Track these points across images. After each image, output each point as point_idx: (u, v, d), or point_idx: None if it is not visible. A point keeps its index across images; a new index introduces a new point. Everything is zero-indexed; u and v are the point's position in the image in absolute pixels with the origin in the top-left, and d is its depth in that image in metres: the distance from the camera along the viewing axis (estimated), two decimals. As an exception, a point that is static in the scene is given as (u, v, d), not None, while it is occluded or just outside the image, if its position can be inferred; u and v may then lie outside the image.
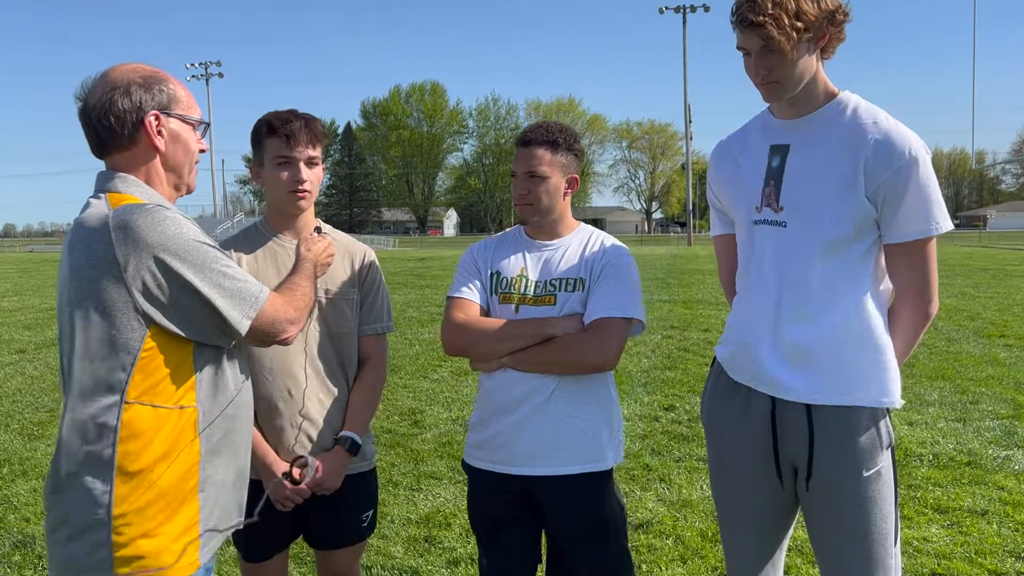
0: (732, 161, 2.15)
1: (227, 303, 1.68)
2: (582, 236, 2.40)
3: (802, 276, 1.97)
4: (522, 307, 2.31)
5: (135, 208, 1.63)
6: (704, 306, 12.96)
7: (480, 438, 2.36)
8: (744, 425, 2.09)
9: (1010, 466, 4.88)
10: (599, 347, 2.22)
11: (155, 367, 1.65)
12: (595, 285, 2.29)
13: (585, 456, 2.27)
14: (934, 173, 1.91)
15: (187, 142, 1.79)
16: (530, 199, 2.31)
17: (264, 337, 1.80)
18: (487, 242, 2.48)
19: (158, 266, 1.61)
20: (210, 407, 1.74)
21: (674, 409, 6.38)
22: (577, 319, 2.27)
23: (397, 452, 5.39)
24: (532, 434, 2.25)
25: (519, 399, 2.26)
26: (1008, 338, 9.54)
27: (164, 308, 1.63)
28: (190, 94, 1.84)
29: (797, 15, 1.82)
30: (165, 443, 1.66)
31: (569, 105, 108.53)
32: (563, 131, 2.34)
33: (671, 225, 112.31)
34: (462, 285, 2.38)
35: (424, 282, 19.13)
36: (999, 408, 6.27)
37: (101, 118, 1.72)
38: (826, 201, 1.93)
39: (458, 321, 2.31)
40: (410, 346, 9.57)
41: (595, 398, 2.31)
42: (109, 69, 1.76)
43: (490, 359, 2.29)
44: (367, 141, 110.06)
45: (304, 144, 2.25)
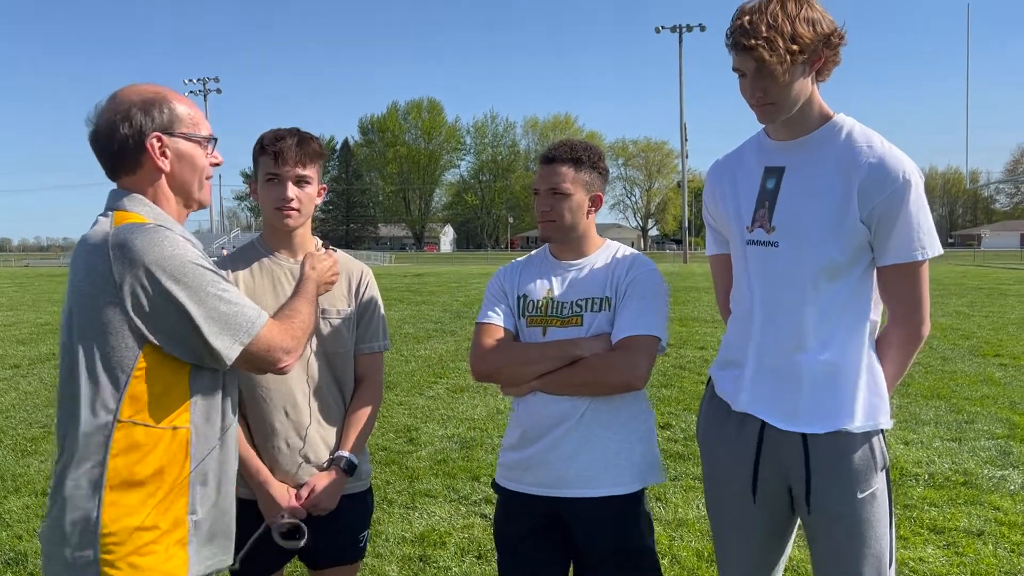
0: (727, 181, 2.16)
1: (215, 327, 1.66)
2: (608, 253, 2.38)
3: (793, 298, 1.98)
4: (550, 329, 2.30)
5: (135, 227, 1.64)
6: (700, 324, 12.97)
7: (511, 459, 2.35)
8: (738, 446, 2.09)
9: (1006, 486, 4.88)
10: (627, 366, 2.20)
11: (149, 387, 1.65)
12: (621, 303, 2.27)
13: (616, 478, 2.25)
14: (926, 198, 1.93)
15: (193, 160, 1.79)
16: (552, 216, 2.29)
17: (259, 364, 1.78)
18: (513, 265, 2.48)
19: (151, 284, 1.61)
20: (204, 429, 1.72)
21: (670, 427, 6.37)
22: (604, 339, 2.25)
23: (392, 470, 5.37)
24: (563, 456, 2.24)
25: (551, 422, 2.25)
26: (1003, 357, 9.56)
27: (156, 328, 1.63)
28: (197, 110, 1.84)
29: (793, 38, 1.82)
30: (156, 463, 1.65)
31: (566, 123, 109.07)
32: (588, 149, 2.33)
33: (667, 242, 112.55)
34: (489, 310, 2.37)
35: (420, 298, 19.12)
36: (994, 428, 6.28)
37: (106, 145, 1.75)
38: (819, 224, 1.94)
39: (486, 347, 2.31)
40: (406, 363, 9.55)
41: (629, 419, 2.28)
42: (115, 93, 1.78)
43: (519, 383, 2.28)
44: (365, 157, 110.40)
45: (293, 163, 2.23)
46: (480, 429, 6.39)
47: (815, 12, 1.87)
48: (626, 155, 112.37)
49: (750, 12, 1.86)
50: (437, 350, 10.59)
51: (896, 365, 2.04)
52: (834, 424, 1.96)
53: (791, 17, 1.83)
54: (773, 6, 1.85)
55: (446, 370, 9.04)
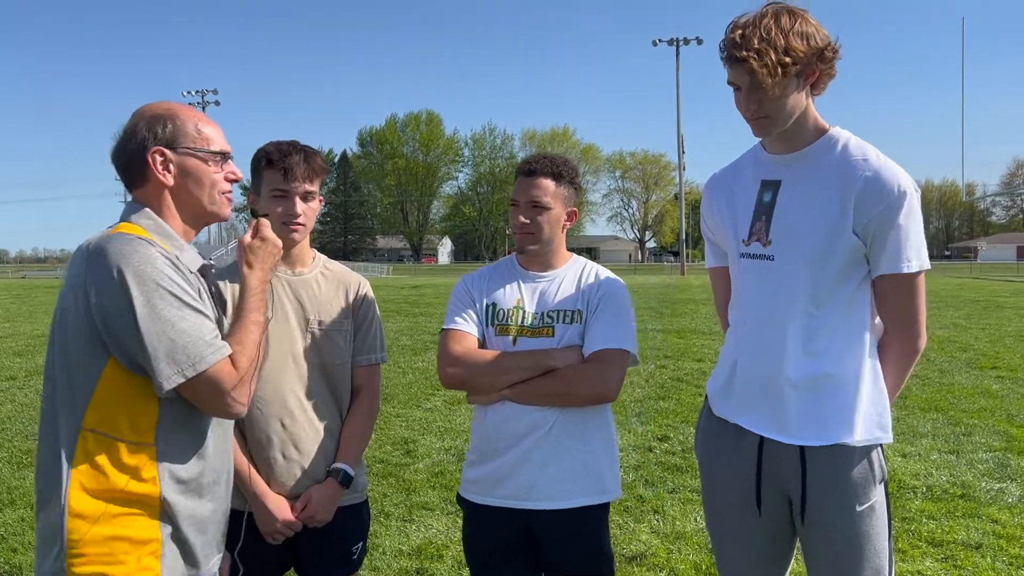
0: (724, 195, 2.17)
1: (160, 351, 1.60)
2: (577, 268, 2.41)
3: (789, 310, 1.98)
4: (520, 339, 2.31)
5: (116, 237, 1.66)
6: (697, 336, 12.97)
7: (478, 473, 2.34)
8: (736, 459, 2.09)
9: (1003, 499, 4.87)
10: (601, 378, 2.22)
11: (114, 398, 1.63)
12: (593, 317, 2.30)
13: (586, 489, 2.27)
14: (920, 212, 1.94)
15: (199, 175, 1.79)
16: (532, 228, 2.32)
17: (205, 403, 1.69)
18: (481, 272, 2.48)
19: (114, 294, 1.59)
20: (172, 446, 1.69)
21: (668, 439, 6.36)
22: (577, 351, 2.27)
23: (389, 482, 5.35)
24: (534, 467, 2.24)
25: (520, 433, 2.25)
26: (1000, 369, 9.56)
27: (112, 337, 1.61)
28: (211, 127, 1.84)
29: (786, 51, 1.83)
30: (120, 475, 1.63)
31: (563, 135, 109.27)
32: (566, 164, 2.38)
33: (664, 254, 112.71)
34: (457, 316, 2.36)
35: (418, 310, 19.11)
36: (992, 440, 6.28)
37: (117, 159, 1.80)
38: (815, 237, 1.95)
39: (455, 353, 2.29)
40: (403, 375, 9.53)
41: (596, 430, 2.31)
42: (136, 110, 1.82)
43: (489, 392, 2.28)
44: (363, 169, 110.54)
45: (301, 179, 2.26)
46: (477, 441, 6.37)
47: (809, 26, 1.88)
48: (624, 167, 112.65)
49: (743, 26, 1.87)
50: (434, 362, 10.53)
51: (892, 378, 2.04)
52: (831, 437, 1.96)
53: (784, 30, 1.84)
54: (767, 20, 1.86)
55: (443, 382, 9.02)
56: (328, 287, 2.38)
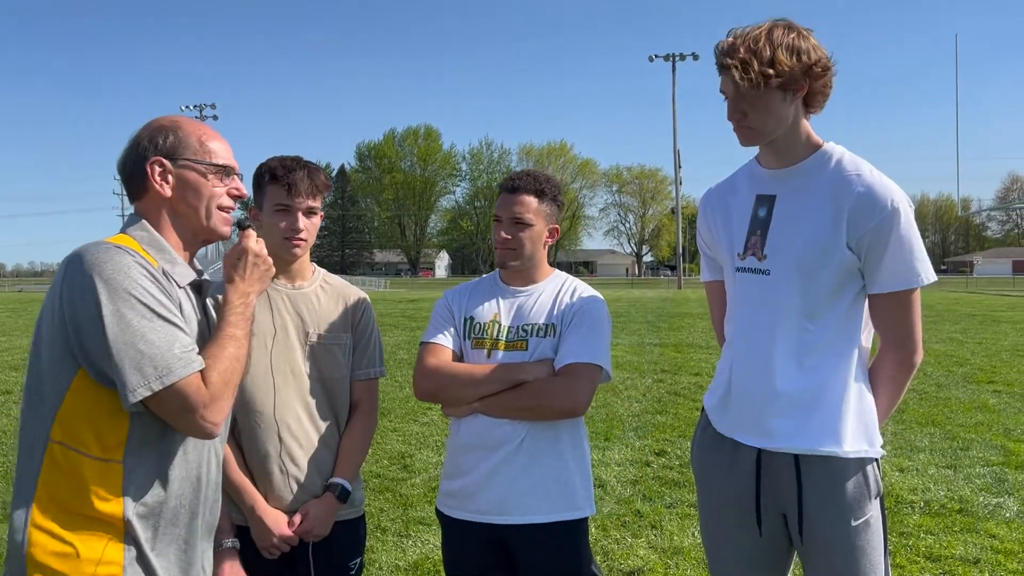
0: (720, 209, 2.19)
1: (127, 362, 1.53)
2: (556, 283, 2.42)
3: (783, 325, 1.99)
4: (494, 352, 2.33)
5: (95, 244, 1.63)
6: (694, 350, 12.96)
7: (452, 486, 2.35)
8: (732, 474, 2.09)
9: (1001, 514, 4.87)
10: (569, 392, 2.23)
11: (82, 411, 1.59)
12: (567, 331, 2.31)
13: (556, 504, 2.27)
14: (916, 226, 1.95)
15: (197, 187, 1.76)
16: (513, 244, 2.33)
17: (174, 419, 1.60)
18: (462, 287, 2.50)
19: (85, 300, 1.55)
20: (140, 466, 1.62)
21: (665, 454, 6.35)
22: (548, 364, 2.28)
23: (386, 497, 5.34)
24: (503, 482, 2.25)
25: (490, 446, 2.26)
26: (997, 384, 9.57)
27: (81, 346, 1.57)
28: (216, 142, 1.81)
29: (770, 62, 1.86)
30: (84, 492, 1.57)
31: (560, 150, 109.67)
32: (549, 181, 2.39)
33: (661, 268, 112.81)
34: (435, 331, 2.39)
35: (415, 324, 19.09)
36: (989, 455, 6.27)
37: (121, 169, 1.80)
38: (810, 251, 1.96)
39: (430, 366, 2.32)
40: (400, 389, 9.52)
41: (568, 446, 2.31)
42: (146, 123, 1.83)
43: (461, 404, 2.29)
44: (360, 183, 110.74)
45: (305, 194, 2.27)
46: (475, 456, 6.35)
47: (803, 42, 1.90)
48: (620, 182, 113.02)
49: (736, 36, 1.91)
50: (432, 376, 10.55)
51: (889, 394, 2.05)
52: (821, 444, 1.96)
53: (774, 43, 1.87)
54: (759, 31, 1.89)
55: (441, 396, 9.00)
56: (328, 301, 2.39)
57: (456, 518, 2.33)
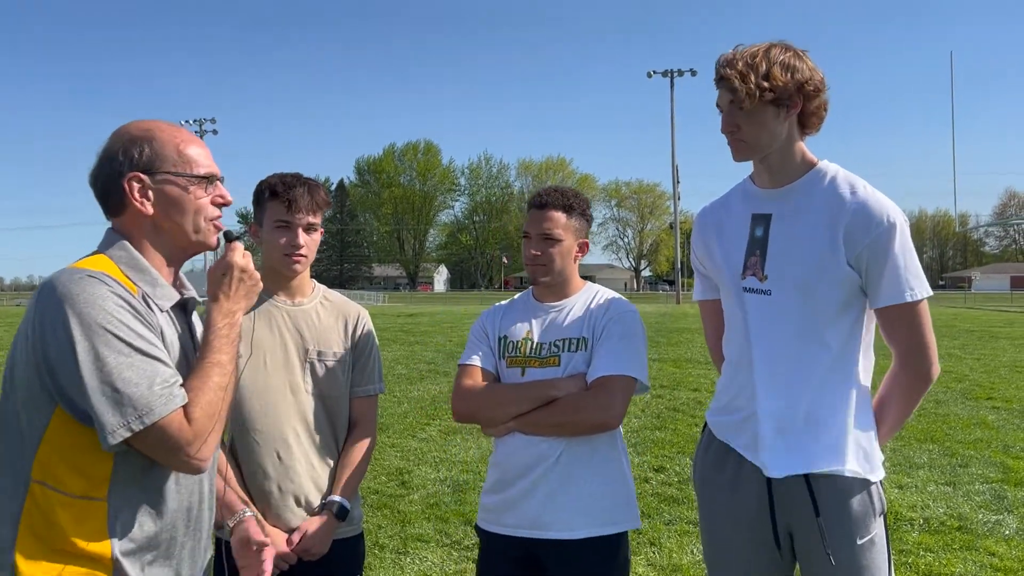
0: (715, 229, 2.20)
1: (105, 402, 1.44)
2: (587, 295, 2.43)
3: (788, 344, 2.00)
4: (528, 370, 2.34)
5: (68, 273, 1.51)
6: (693, 365, 12.96)
7: (491, 501, 2.37)
8: (737, 492, 2.09)
9: (1000, 531, 4.85)
10: (601, 406, 2.22)
11: (62, 449, 1.49)
12: (598, 343, 2.31)
13: (592, 520, 2.26)
14: (911, 241, 1.96)
15: (181, 201, 1.64)
16: (544, 260, 2.35)
17: (160, 457, 1.52)
18: (497, 308, 2.52)
19: (58, 335, 1.45)
20: (126, 502, 1.54)
21: (664, 470, 6.33)
22: (580, 379, 2.28)
23: (384, 514, 5.31)
24: (541, 497, 2.25)
25: (528, 463, 2.27)
26: (995, 400, 9.57)
27: (55, 384, 1.47)
28: (195, 147, 1.69)
29: (765, 77, 1.91)
30: (68, 533, 1.48)
31: (559, 165, 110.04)
32: (577, 196, 2.42)
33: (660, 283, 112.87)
34: (471, 352, 2.41)
35: (413, 338, 19.07)
36: (988, 472, 6.26)
37: (94, 185, 1.67)
38: (809, 270, 1.97)
39: (465, 388, 2.35)
40: (398, 404, 9.49)
41: (605, 460, 2.30)
42: (114, 131, 1.69)
43: (497, 424, 2.30)
44: (360, 198, 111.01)
45: (305, 211, 2.28)
46: (473, 472, 6.33)
47: (799, 62, 1.95)
48: (619, 197, 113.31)
49: (735, 52, 1.97)
50: (430, 391, 10.53)
51: (899, 409, 2.05)
52: (829, 464, 1.97)
53: (771, 60, 1.92)
54: (757, 48, 1.96)
55: (439, 412, 8.99)
56: (328, 317, 2.39)
57: (493, 532, 2.34)
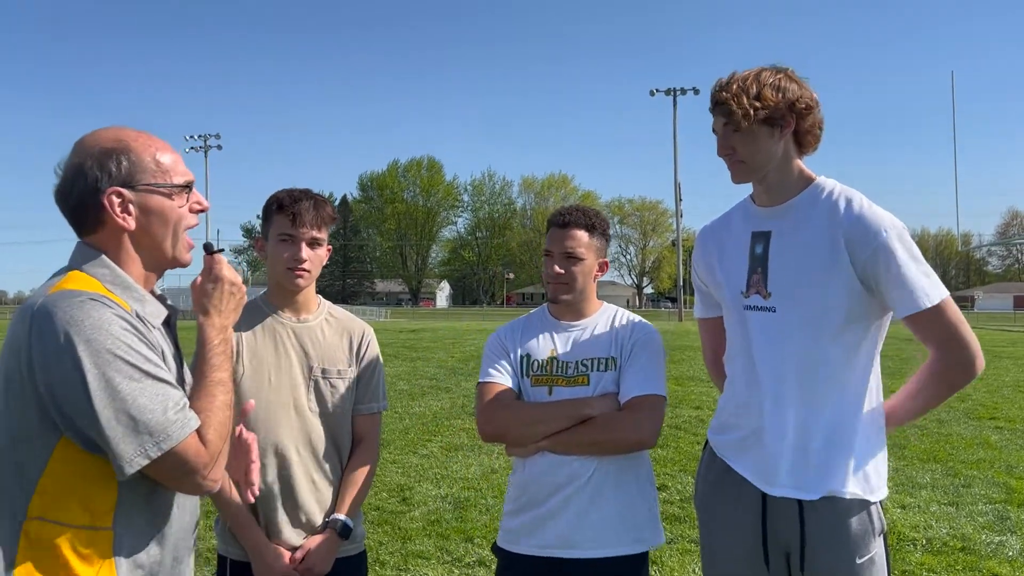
0: (715, 247, 2.23)
1: (119, 430, 1.41)
2: (608, 315, 2.44)
3: (794, 361, 2.01)
4: (556, 388, 2.33)
5: (64, 296, 1.45)
6: (695, 383, 12.93)
7: (518, 522, 2.34)
8: (737, 512, 2.09)
9: (1004, 552, 4.83)
10: (638, 425, 2.24)
11: (66, 481, 1.44)
12: (627, 363, 2.32)
13: (623, 538, 2.27)
14: (915, 247, 1.96)
15: (163, 212, 1.58)
16: (566, 279, 2.36)
17: (172, 482, 1.51)
18: (514, 324, 2.52)
19: (63, 364, 1.40)
20: (130, 528, 1.50)
21: (666, 489, 6.32)
22: (612, 398, 2.29)
23: (384, 530, 5.30)
24: (571, 516, 2.25)
25: (559, 482, 2.26)
26: (998, 420, 9.53)
27: (61, 414, 1.42)
28: (168, 153, 1.62)
29: (757, 97, 1.96)
30: (71, 567, 1.43)
31: (562, 182, 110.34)
32: (598, 216, 2.45)
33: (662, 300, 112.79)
34: (491, 369, 2.39)
35: (415, 354, 19.06)
36: (991, 492, 6.24)
37: (62, 202, 1.59)
38: (812, 285, 1.99)
39: (492, 406, 2.32)
40: (400, 420, 9.48)
41: (635, 478, 2.32)
42: (77, 142, 1.60)
43: (527, 443, 2.29)
44: (363, 213, 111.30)
45: (309, 225, 2.29)
46: (474, 489, 6.32)
47: (788, 83, 2.00)
48: (622, 213, 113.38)
49: (728, 77, 2.02)
50: (432, 407, 10.52)
51: (928, 398, 2.05)
52: (829, 488, 1.97)
53: (762, 83, 1.98)
54: (748, 72, 2.01)
55: (441, 428, 8.97)
56: (332, 334, 2.40)
57: (518, 553, 2.32)
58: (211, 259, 1.71)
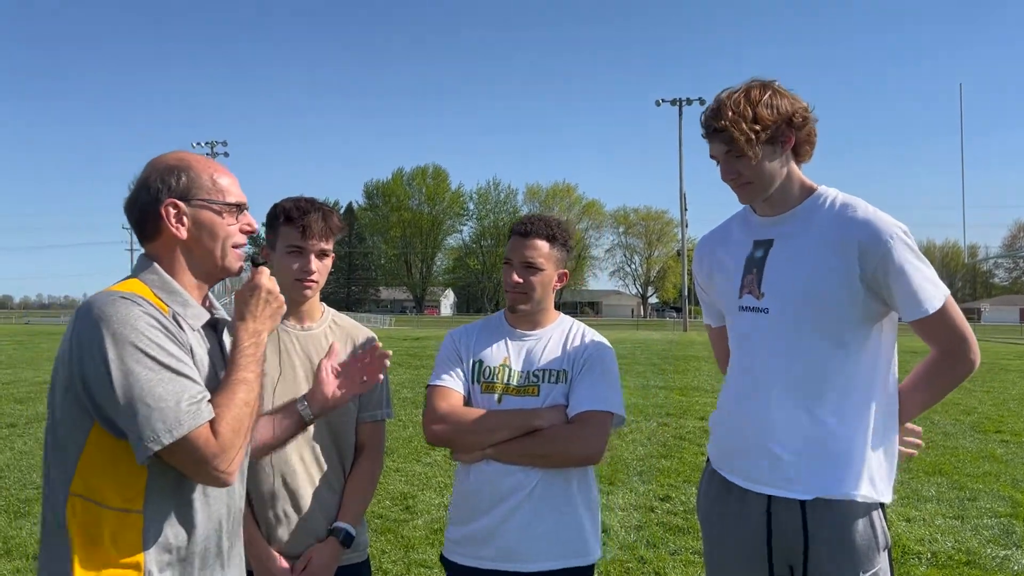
0: (714, 256, 2.24)
1: (136, 416, 1.51)
2: (563, 328, 2.44)
3: (787, 362, 2.01)
4: (505, 397, 2.33)
5: (104, 295, 1.61)
6: (700, 393, 12.90)
7: (461, 533, 2.34)
8: (740, 524, 2.09)
9: (1009, 566, 4.80)
10: (587, 440, 2.24)
11: (101, 463, 1.57)
12: (578, 377, 2.32)
13: (567, 549, 2.27)
14: (918, 251, 1.98)
15: (213, 227, 1.74)
16: (524, 288, 2.35)
17: (186, 470, 1.59)
18: (468, 328, 2.51)
19: (94, 355, 1.53)
20: (159, 514, 1.60)
21: (670, 499, 6.30)
22: (561, 411, 2.29)
23: (387, 539, 5.30)
24: (515, 528, 2.24)
25: (503, 492, 2.26)
26: (1004, 433, 9.49)
27: (92, 401, 1.55)
28: (226, 177, 1.79)
29: (754, 119, 1.96)
30: (107, 550, 1.56)
31: (566, 191, 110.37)
32: (560, 226, 2.43)
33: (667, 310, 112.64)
34: (444, 373, 2.39)
35: (419, 362, 19.05)
36: (997, 506, 6.21)
37: (130, 212, 1.76)
38: (809, 288, 1.99)
39: (442, 411, 2.31)
40: (403, 428, 9.48)
41: (579, 491, 2.31)
42: (149, 161, 1.79)
43: (474, 450, 2.29)
44: (368, 221, 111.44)
45: (318, 237, 2.30)
46: (477, 498, 6.31)
47: (778, 99, 2.00)
48: (626, 223, 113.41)
49: (717, 102, 2.01)
50: (436, 416, 10.51)
51: (932, 394, 2.08)
52: (827, 490, 1.97)
53: (753, 102, 1.97)
54: (738, 95, 2.00)
55: (444, 436, 8.96)
56: (336, 342, 2.40)
57: (465, 565, 2.32)
58: (254, 270, 1.85)
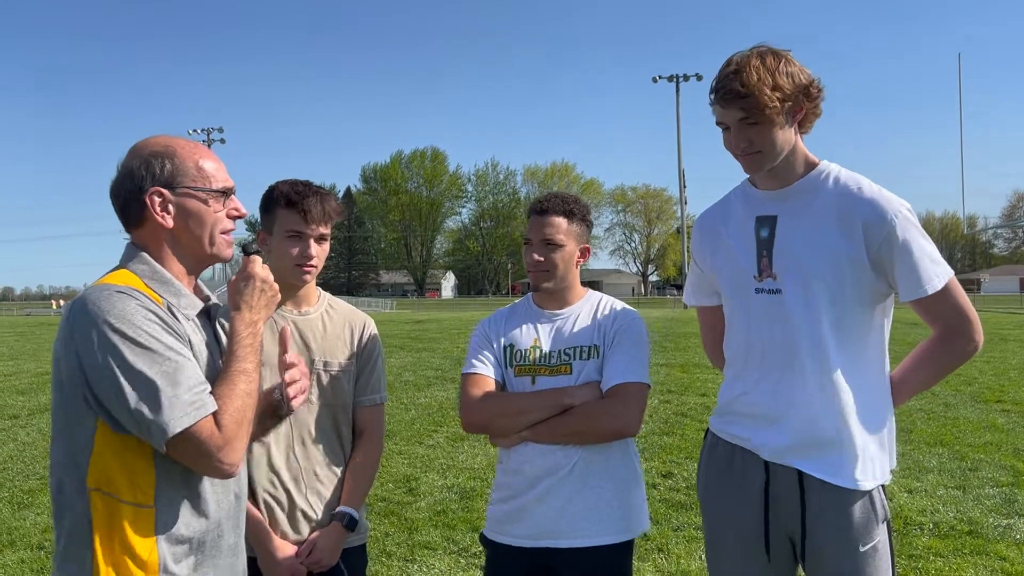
0: (716, 233, 2.20)
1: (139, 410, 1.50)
2: (591, 302, 2.43)
3: (800, 343, 1.99)
4: (539, 378, 2.33)
5: (98, 289, 1.59)
6: (701, 370, 12.93)
7: (501, 512, 2.35)
8: (740, 499, 2.09)
9: (1011, 535, 4.82)
10: (620, 412, 2.23)
11: (110, 456, 1.56)
12: (610, 351, 2.31)
13: (607, 527, 2.27)
14: (922, 229, 1.97)
15: (200, 215, 1.70)
16: (546, 266, 2.34)
17: (190, 463, 1.58)
18: (498, 314, 2.51)
19: (93, 348, 1.52)
20: (171, 506, 1.61)
21: (672, 476, 6.32)
22: (595, 387, 2.28)
23: (391, 521, 5.32)
24: (555, 506, 2.25)
25: (542, 473, 2.26)
26: (1005, 403, 9.51)
27: (96, 395, 1.54)
28: (213, 162, 1.75)
29: (774, 87, 1.91)
30: (125, 543, 1.56)
31: (565, 170, 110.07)
32: (577, 202, 2.42)
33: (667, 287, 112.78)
34: (475, 360, 2.39)
35: (421, 345, 19.09)
36: (998, 475, 6.22)
37: (115, 200, 1.72)
38: (820, 268, 1.97)
39: (475, 397, 2.32)
40: (406, 411, 9.51)
41: (619, 466, 2.31)
42: (132, 146, 1.75)
43: (509, 434, 2.29)
44: (367, 205, 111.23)
45: (318, 222, 2.26)
46: (480, 479, 6.33)
47: (792, 66, 1.96)
48: (626, 202, 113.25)
49: (735, 66, 1.94)
50: (437, 398, 10.54)
51: (933, 372, 2.07)
52: (837, 475, 1.96)
53: (771, 70, 1.92)
54: (754, 60, 1.93)
55: (446, 418, 8.99)
56: (333, 327, 2.39)
57: (504, 543, 2.33)
58: (247, 259, 1.81)
